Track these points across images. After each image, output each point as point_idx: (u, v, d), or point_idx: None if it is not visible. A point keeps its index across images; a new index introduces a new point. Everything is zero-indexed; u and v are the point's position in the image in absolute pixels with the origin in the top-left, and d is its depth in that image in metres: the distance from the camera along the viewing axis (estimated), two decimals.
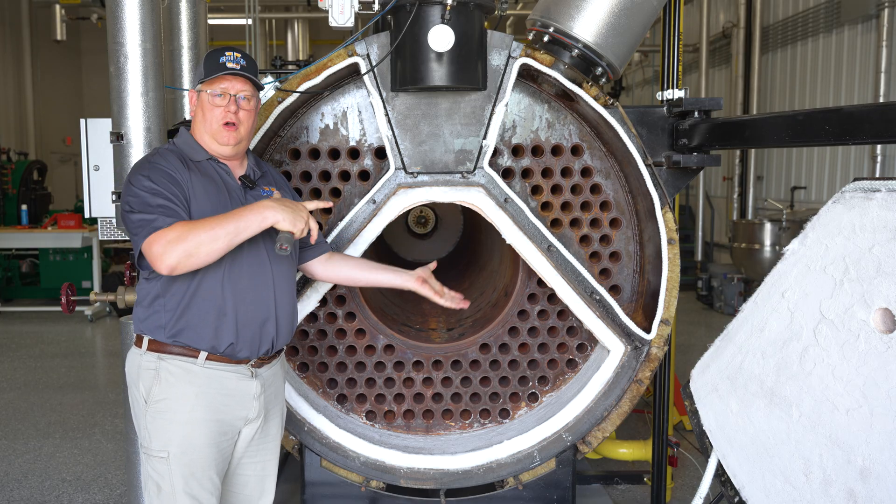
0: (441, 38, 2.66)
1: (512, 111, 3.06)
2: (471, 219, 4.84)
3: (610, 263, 3.20)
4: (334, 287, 3.10)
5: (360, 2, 2.93)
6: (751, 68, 11.01)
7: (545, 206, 3.14)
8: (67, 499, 4.25)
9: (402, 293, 2.80)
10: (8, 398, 6.24)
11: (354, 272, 2.74)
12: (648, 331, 3.07)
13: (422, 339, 3.36)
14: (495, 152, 3.06)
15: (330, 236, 2.98)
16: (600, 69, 2.97)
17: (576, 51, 2.93)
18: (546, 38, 2.96)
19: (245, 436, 2.42)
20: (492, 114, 2.95)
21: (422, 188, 3.01)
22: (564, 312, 3.22)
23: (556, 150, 3.13)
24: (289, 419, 3.04)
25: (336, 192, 3.12)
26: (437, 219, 5.01)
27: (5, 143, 13.74)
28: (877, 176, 8.06)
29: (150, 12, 3.02)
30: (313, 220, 2.29)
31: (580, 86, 2.92)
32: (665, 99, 3.20)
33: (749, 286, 9.46)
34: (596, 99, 2.93)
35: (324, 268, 2.69)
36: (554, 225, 3.14)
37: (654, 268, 3.09)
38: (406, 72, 2.82)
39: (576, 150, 3.12)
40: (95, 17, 13.73)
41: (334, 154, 3.09)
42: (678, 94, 3.17)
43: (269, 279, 2.37)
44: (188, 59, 4.68)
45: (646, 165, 2.95)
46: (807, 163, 9.85)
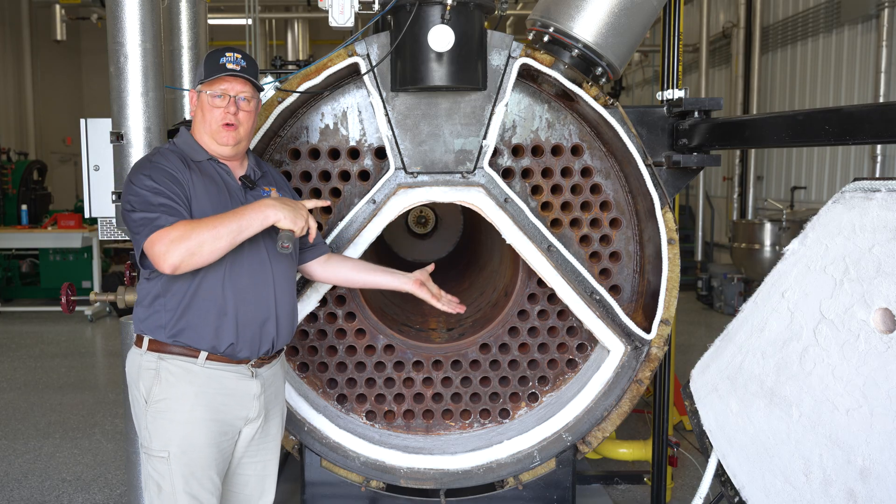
0: (441, 38, 2.66)
1: (512, 111, 3.06)
2: (471, 219, 4.84)
3: (610, 263, 3.20)
4: (334, 287, 3.10)
5: (360, 2, 2.94)
6: (751, 68, 11.01)
7: (545, 206, 3.14)
8: (67, 499, 4.25)
9: (402, 293, 2.80)
10: (8, 398, 6.24)
11: (352, 274, 2.74)
12: (648, 331, 3.07)
13: (422, 339, 3.36)
14: (495, 152, 3.06)
15: (330, 236, 2.98)
16: (600, 69, 2.98)
17: (576, 51, 2.93)
18: (546, 38, 2.96)
19: (245, 435, 2.43)
20: (492, 114, 2.95)
21: (422, 188, 3.01)
22: (564, 312, 3.22)
23: (556, 150, 3.13)
24: (289, 419, 3.04)
25: (336, 192, 3.12)
26: (437, 219, 5.01)
27: (5, 143, 13.74)
28: (877, 176, 8.06)
29: (150, 12, 3.03)
30: (312, 219, 2.30)
31: (580, 86, 2.92)
32: (665, 99, 3.20)
33: (749, 286, 9.46)
34: (596, 99, 2.93)
35: (322, 269, 2.70)
36: (554, 225, 3.14)
37: (654, 268, 3.09)
38: (406, 72, 2.82)
39: (576, 150, 3.12)
40: (95, 17, 13.73)
41: (334, 154, 3.09)
42: (678, 94, 3.17)
43: (269, 279, 2.37)
44: (188, 59, 4.68)
45: (646, 165, 2.96)
46: (807, 163, 9.85)
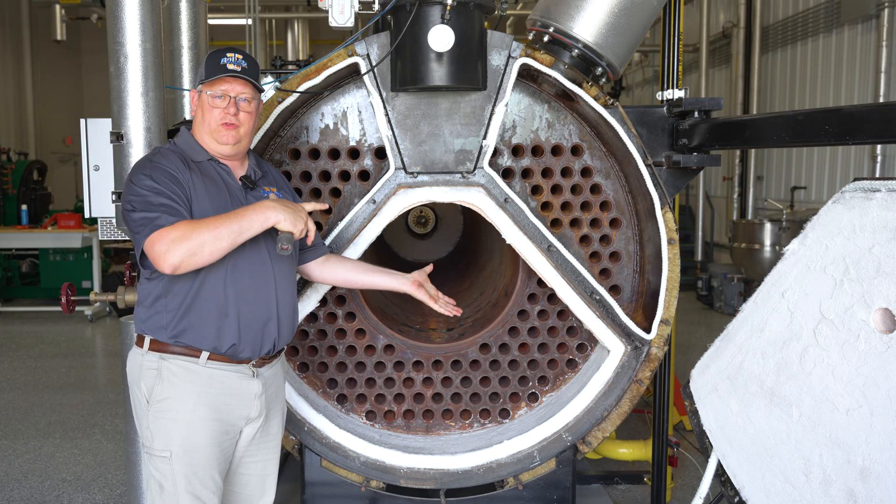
0: (441, 38, 2.66)
1: (512, 111, 3.06)
2: (471, 219, 4.84)
3: (610, 263, 3.20)
4: (334, 287, 3.10)
5: (360, 2, 2.93)
6: (751, 68, 11.01)
7: (545, 206, 3.14)
8: (67, 499, 4.25)
9: (402, 293, 2.81)
10: (8, 398, 6.24)
11: (350, 274, 2.75)
12: (648, 331, 3.07)
13: (422, 339, 3.36)
14: (495, 152, 3.06)
15: (330, 236, 2.98)
16: (600, 69, 2.98)
17: (576, 51, 2.93)
18: (546, 38, 2.96)
19: (246, 435, 2.43)
20: (492, 114, 2.95)
21: (422, 188, 3.01)
22: (564, 312, 3.22)
23: (556, 150, 3.13)
24: (289, 419, 3.04)
25: (336, 192, 3.12)
26: (437, 219, 5.01)
27: (5, 143, 13.74)
28: (877, 176, 8.06)
29: (150, 12, 3.03)
30: (311, 221, 2.30)
31: (580, 86, 2.92)
32: (665, 99, 3.20)
33: (749, 286, 9.46)
34: (596, 99, 2.93)
35: (320, 270, 2.70)
36: (554, 225, 3.14)
37: (654, 268, 3.09)
38: (406, 72, 2.82)
39: (576, 150, 3.12)
40: (95, 17, 13.73)
41: (334, 154, 3.09)
42: (678, 94, 3.17)
43: (270, 279, 2.37)
44: (188, 59, 4.69)
45: (646, 165, 2.95)
46: (807, 163, 9.85)
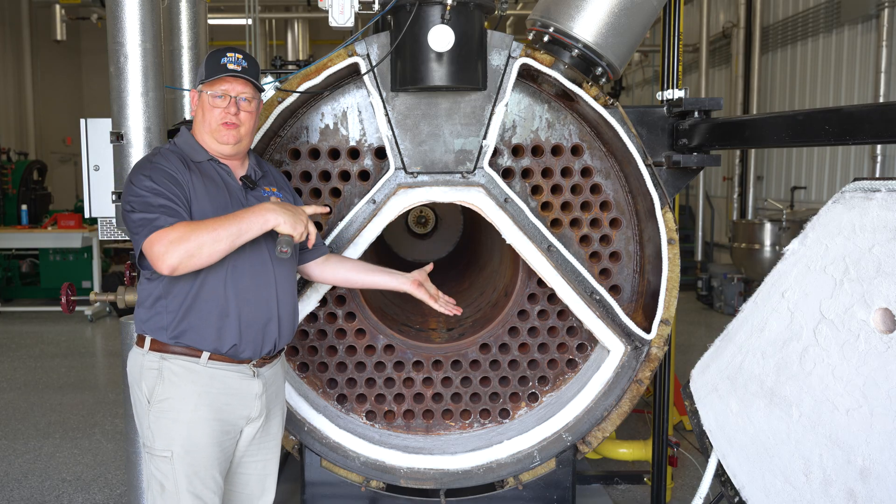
0: (441, 38, 2.66)
1: (512, 111, 3.06)
2: (471, 219, 4.84)
3: (610, 263, 3.20)
4: (334, 287, 3.10)
5: (360, 2, 2.93)
6: (751, 68, 11.01)
7: (545, 206, 3.14)
8: (67, 499, 4.25)
9: (402, 293, 2.81)
10: (8, 398, 6.24)
11: (350, 274, 2.74)
12: (648, 331, 3.07)
13: (422, 339, 3.36)
14: (495, 152, 3.06)
15: (330, 236, 2.98)
16: (600, 69, 2.98)
17: (576, 51, 2.93)
18: (546, 38, 2.96)
19: (247, 435, 2.43)
20: (492, 114, 2.95)
21: (422, 188, 3.01)
22: (564, 312, 3.22)
23: (556, 150, 3.13)
24: (289, 419, 3.04)
25: (336, 192, 3.12)
26: (437, 219, 5.01)
27: (5, 143, 13.74)
28: (877, 176, 8.06)
29: (150, 12, 3.03)
30: (312, 224, 2.30)
31: (580, 86, 2.92)
32: (665, 99, 3.20)
33: (749, 286, 9.46)
34: (596, 99, 2.93)
35: (320, 269, 2.70)
36: (554, 225, 3.14)
37: (654, 268, 3.09)
38: (406, 72, 2.82)
39: (576, 150, 3.12)
40: (95, 17, 13.74)
41: (334, 154, 3.09)
42: (678, 94, 3.17)
43: (271, 279, 2.37)
44: (188, 59, 4.69)
45: (646, 165, 2.95)
46: (807, 163, 9.85)
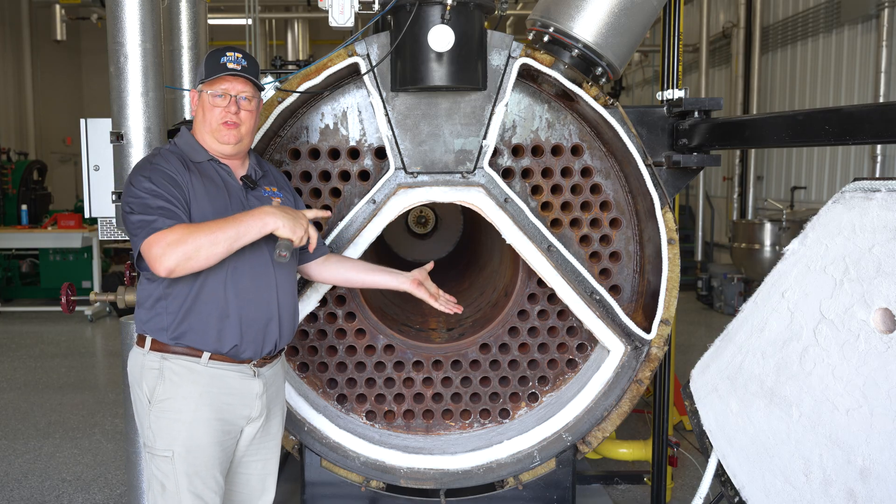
0: (441, 38, 2.66)
1: (512, 111, 3.06)
2: (471, 219, 4.84)
3: (610, 263, 3.20)
4: (334, 287, 3.10)
5: (360, 2, 2.93)
6: (751, 68, 11.01)
7: (545, 206, 3.14)
8: (67, 499, 4.25)
9: (402, 293, 2.80)
10: (8, 398, 6.24)
11: (349, 274, 2.74)
12: (648, 331, 3.07)
13: (422, 339, 3.36)
14: (495, 152, 3.06)
15: (330, 236, 2.98)
16: (600, 69, 2.98)
17: (576, 51, 2.93)
18: (546, 38, 2.96)
19: (247, 434, 2.43)
20: (492, 114, 2.95)
21: (422, 188, 3.01)
22: (564, 312, 3.22)
23: (556, 150, 3.13)
24: (289, 419, 3.04)
25: (336, 192, 3.12)
26: (437, 219, 5.01)
27: (5, 143, 13.74)
28: (877, 176, 8.06)
29: (150, 12, 3.03)
30: (313, 228, 2.29)
31: (580, 86, 2.92)
32: (665, 99, 3.20)
33: (749, 286, 9.46)
34: (596, 99, 2.93)
35: (319, 269, 2.70)
36: (554, 225, 3.14)
37: (654, 268, 3.09)
38: (406, 72, 2.82)
39: (576, 150, 3.12)
40: (95, 17, 13.74)
41: (334, 154, 3.09)
42: (678, 94, 3.17)
43: (271, 280, 2.37)
44: (188, 59, 4.68)
45: (646, 165, 2.95)
46: (807, 163, 9.85)
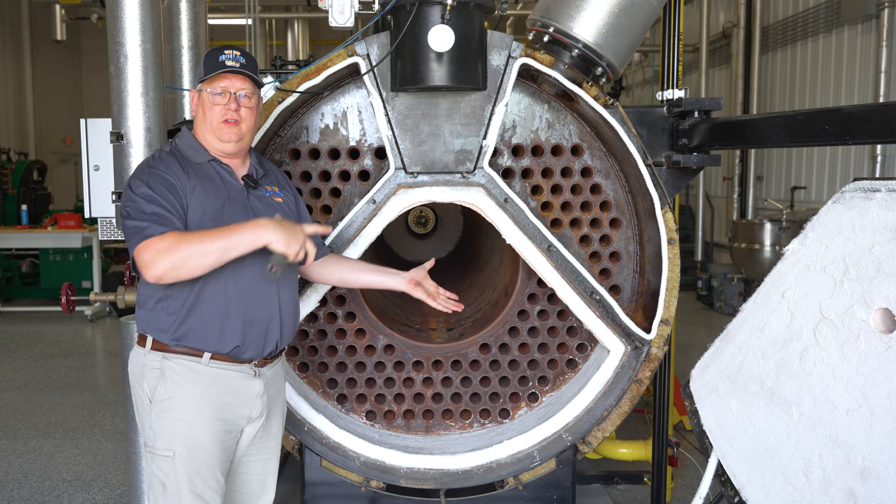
0: (441, 38, 2.66)
1: (512, 111, 3.06)
2: (471, 219, 4.84)
3: (610, 263, 3.20)
4: (334, 287, 3.10)
5: (360, 2, 2.93)
6: (751, 68, 11.01)
7: (545, 206, 3.14)
8: (67, 499, 4.25)
9: (402, 293, 2.80)
10: (8, 398, 6.24)
11: (347, 274, 2.74)
12: (648, 331, 3.07)
13: (422, 339, 3.36)
14: (495, 152, 3.06)
15: (330, 237, 2.98)
16: (600, 69, 2.98)
17: (576, 51, 2.93)
18: (546, 38, 2.96)
19: (248, 434, 2.43)
20: (492, 114, 2.95)
21: (422, 188, 3.01)
22: (564, 312, 3.22)
23: (556, 150, 3.13)
24: (289, 419, 3.04)
25: (336, 192, 3.12)
26: (437, 219, 5.01)
27: (5, 143, 13.74)
28: (877, 176, 8.06)
29: (150, 12, 3.03)
30: (311, 243, 2.23)
31: (580, 86, 2.92)
32: (665, 99, 3.20)
33: (749, 286, 9.46)
34: (596, 99, 2.93)
35: (318, 270, 2.69)
36: (554, 225, 3.14)
37: (654, 268, 3.09)
38: (406, 72, 2.82)
39: (576, 150, 3.12)
40: (95, 17, 13.74)
41: (334, 154, 3.09)
42: (678, 94, 3.17)
43: (272, 280, 2.36)
44: (188, 59, 4.69)
45: (646, 165, 2.95)
46: (807, 163, 9.85)
